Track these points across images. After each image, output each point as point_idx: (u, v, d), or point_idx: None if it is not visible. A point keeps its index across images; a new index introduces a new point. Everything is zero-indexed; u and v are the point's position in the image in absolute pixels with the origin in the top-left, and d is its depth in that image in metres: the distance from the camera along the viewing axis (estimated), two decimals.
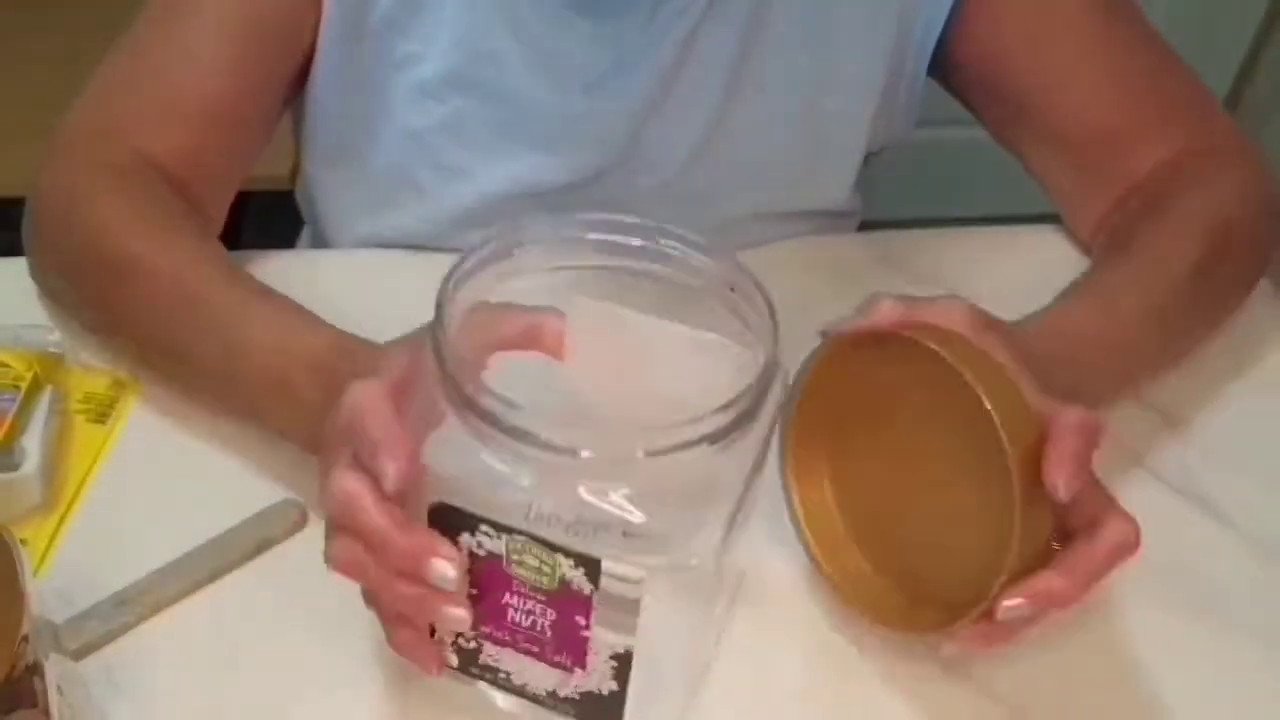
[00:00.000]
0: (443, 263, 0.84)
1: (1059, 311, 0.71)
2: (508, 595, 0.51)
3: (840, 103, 0.83)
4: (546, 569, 0.50)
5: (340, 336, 0.66)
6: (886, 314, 0.57)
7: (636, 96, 0.80)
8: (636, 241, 0.54)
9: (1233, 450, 0.73)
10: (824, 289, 0.70)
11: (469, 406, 0.48)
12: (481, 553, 0.50)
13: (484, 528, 0.50)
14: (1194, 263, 0.73)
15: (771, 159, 0.85)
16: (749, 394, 0.49)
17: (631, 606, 0.49)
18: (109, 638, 0.60)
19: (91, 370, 0.73)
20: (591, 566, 0.49)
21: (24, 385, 0.68)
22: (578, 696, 0.53)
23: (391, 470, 0.49)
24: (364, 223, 0.88)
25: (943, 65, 0.83)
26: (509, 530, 0.49)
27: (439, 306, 0.51)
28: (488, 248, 0.54)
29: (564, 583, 0.50)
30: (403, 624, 0.54)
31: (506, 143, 0.82)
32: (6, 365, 0.68)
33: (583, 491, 0.48)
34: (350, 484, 0.51)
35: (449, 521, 0.50)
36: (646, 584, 0.48)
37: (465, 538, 0.50)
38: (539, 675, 0.54)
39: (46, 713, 0.50)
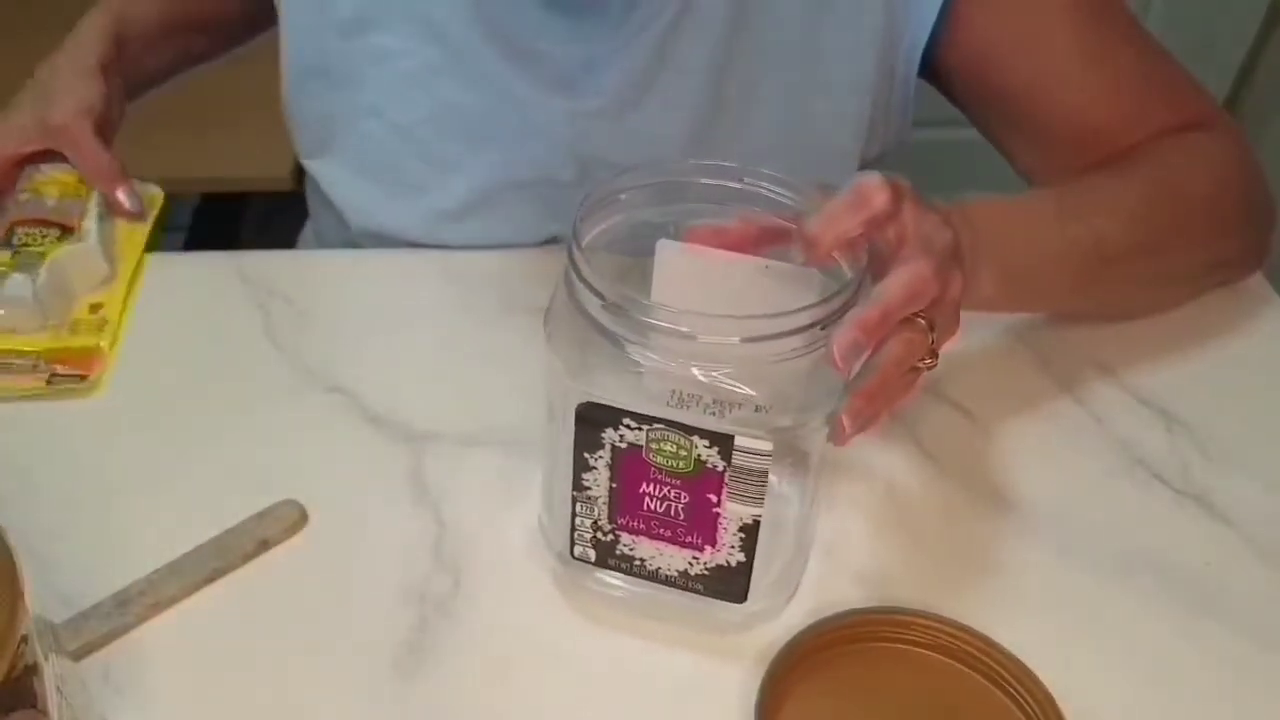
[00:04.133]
0: (440, 262, 0.85)
1: (992, 202, 0.70)
2: (645, 484, 0.56)
3: (832, 106, 0.83)
4: (683, 452, 0.54)
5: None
6: (742, 229, 0.58)
7: (608, 95, 0.81)
8: (734, 184, 0.60)
9: (1233, 450, 0.73)
10: None
11: (609, 310, 0.53)
12: (623, 445, 0.55)
13: (626, 420, 0.54)
14: (1130, 206, 0.74)
15: (763, 161, 0.85)
16: (847, 289, 0.53)
17: (760, 478, 0.54)
18: (109, 638, 0.60)
19: None
20: (724, 444, 0.53)
21: (85, 192, 0.83)
22: (707, 572, 0.59)
23: None
24: (361, 216, 0.89)
25: (933, 67, 0.83)
26: (649, 420, 0.54)
27: (573, 244, 0.54)
28: (598, 193, 0.58)
29: (699, 463, 0.54)
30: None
31: (491, 135, 0.83)
32: (66, 183, 0.84)
33: (696, 373, 0.52)
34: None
35: (595, 418, 0.55)
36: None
37: (609, 432, 0.55)
38: (671, 558, 0.59)
39: (46, 713, 0.50)
